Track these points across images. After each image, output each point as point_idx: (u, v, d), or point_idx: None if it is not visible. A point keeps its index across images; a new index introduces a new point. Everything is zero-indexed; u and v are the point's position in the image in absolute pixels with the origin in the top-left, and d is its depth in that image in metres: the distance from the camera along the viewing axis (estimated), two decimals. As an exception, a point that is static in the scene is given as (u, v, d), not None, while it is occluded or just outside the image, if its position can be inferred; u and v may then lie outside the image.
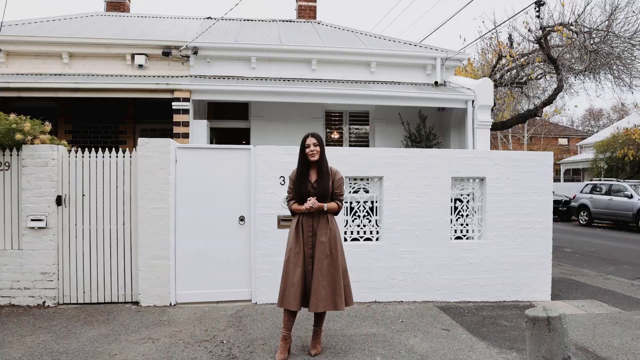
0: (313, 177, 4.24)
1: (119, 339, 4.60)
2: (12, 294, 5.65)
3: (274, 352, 4.27)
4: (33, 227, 5.65)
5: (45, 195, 5.68)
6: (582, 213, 18.41)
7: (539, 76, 13.10)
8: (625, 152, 20.92)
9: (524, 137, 32.46)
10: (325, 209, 4.15)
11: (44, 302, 5.68)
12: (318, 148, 4.19)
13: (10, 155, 5.74)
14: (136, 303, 5.81)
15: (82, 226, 5.82)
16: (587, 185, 19.00)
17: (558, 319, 2.95)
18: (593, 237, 14.70)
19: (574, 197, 19.31)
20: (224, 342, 4.56)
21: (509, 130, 30.38)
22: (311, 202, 4.07)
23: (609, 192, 17.42)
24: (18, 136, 5.54)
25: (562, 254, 11.14)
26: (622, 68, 11.21)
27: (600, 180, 19.03)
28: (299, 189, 4.20)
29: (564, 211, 20.13)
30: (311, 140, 4.19)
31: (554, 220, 19.71)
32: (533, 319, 2.99)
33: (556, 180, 30.16)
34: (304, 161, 4.23)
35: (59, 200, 5.74)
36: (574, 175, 30.64)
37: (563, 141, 40.60)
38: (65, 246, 5.77)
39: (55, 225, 5.72)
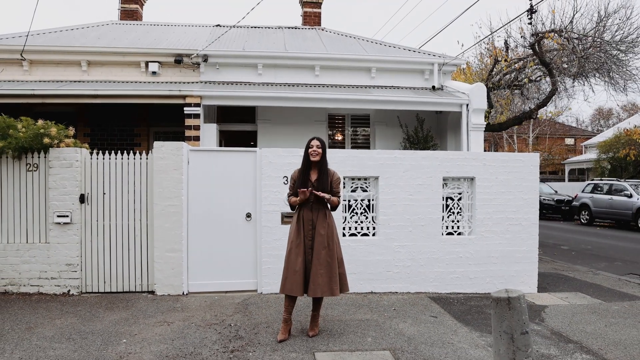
0: (313, 176, 4.76)
1: (137, 322, 5.14)
2: (40, 283, 6.23)
3: (276, 333, 4.78)
4: (59, 223, 6.22)
5: (69, 194, 6.25)
6: (583, 212, 18.71)
7: (539, 78, 13.52)
8: (627, 152, 21.21)
9: (529, 137, 32.74)
10: (326, 199, 4.64)
11: (69, 291, 6.24)
12: (320, 150, 4.72)
13: (39, 157, 6.32)
14: (152, 292, 6.35)
15: (103, 222, 6.38)
16: (588, 184, 19.29)
17: (517, 299, 3.42)
18: (592, 235, 15.04)
19: (575, 197, 19.61)
20: (232, 325, 5.09)
21: (514, 130, 30.71)
22: (306, 190, 4.57)
23: (609, 192, 17.72)
24: (46, 140, 6.12)
25: (558, 251, 11.52)
26: (615, 70, 11.59)
27: (601, 179, 19.33)
28: (300, 185, 4.72)
29: (566, 210, 20.37)
30: (315, 143, 4.73)
31: (557, 219, 20.16)
32: (496, 299, 3.48)
33: (561, 179, 30.44)
34: (307, 161, 4.76)
35: (82, 198, 6.30)
36: (579, 175, 30.87)
37: (570, 141, 40.77)
38: (88, 240, 6.34)
39: (79, 221, 6.28)
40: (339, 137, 10.79)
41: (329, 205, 4.79)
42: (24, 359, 4.09)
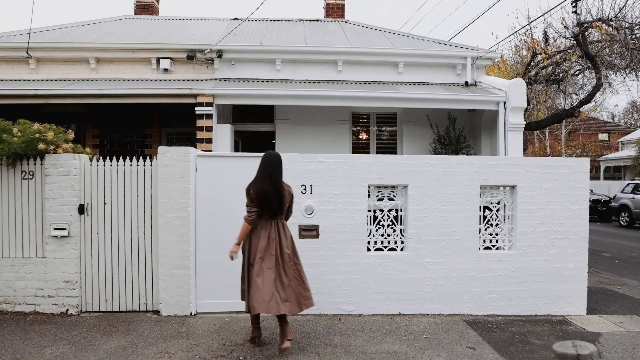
0: None
1: (135, 352, 4.56)
2: (36, 301, 5.72)
3: (290, 372, 4.16)
4: (56, 236, 5.69)
5: (67, 204, 5.72)
6: (622, 214, 17.65)
7: (577, 72, 12.55)
8: (671, 149, 19.94)
9: (561, 133, 31.36)
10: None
11: (67, 310, 5.73)
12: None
13: (35, 164, 5.80)
14: (157, 312, 5.79)
15: (103, 234, 5.84)
16: (628, 184, 18.25)
17: (589, 357, 2.71)
18: (634, 240, 14.05)
19: (614, 197, 18.54)
20: (241, 358, 4.48)
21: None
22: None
23: (652, 193, 16.65)
24: (41, 146, 5.60)
25: (600, 259, 10.64)
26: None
27: (643, 179, 18.20)
28: None
29: (603, 211, 19.28)
30: None
31: (593, 220, 19.07)
32: (561, 355, 2.77)
33: (595, 178, 29.09)
34: None
35: (81, 209, 5.77)
36: (614, 172, 29.48)
37: (603, 136, 39.12)
38: (88, 254, 5.80)
39: (78, 234, 5.75)
40: (363, 137, 10.10)
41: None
42: (-2, 406, 3.55)
